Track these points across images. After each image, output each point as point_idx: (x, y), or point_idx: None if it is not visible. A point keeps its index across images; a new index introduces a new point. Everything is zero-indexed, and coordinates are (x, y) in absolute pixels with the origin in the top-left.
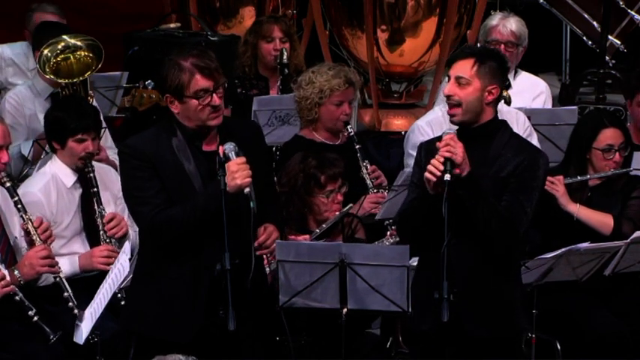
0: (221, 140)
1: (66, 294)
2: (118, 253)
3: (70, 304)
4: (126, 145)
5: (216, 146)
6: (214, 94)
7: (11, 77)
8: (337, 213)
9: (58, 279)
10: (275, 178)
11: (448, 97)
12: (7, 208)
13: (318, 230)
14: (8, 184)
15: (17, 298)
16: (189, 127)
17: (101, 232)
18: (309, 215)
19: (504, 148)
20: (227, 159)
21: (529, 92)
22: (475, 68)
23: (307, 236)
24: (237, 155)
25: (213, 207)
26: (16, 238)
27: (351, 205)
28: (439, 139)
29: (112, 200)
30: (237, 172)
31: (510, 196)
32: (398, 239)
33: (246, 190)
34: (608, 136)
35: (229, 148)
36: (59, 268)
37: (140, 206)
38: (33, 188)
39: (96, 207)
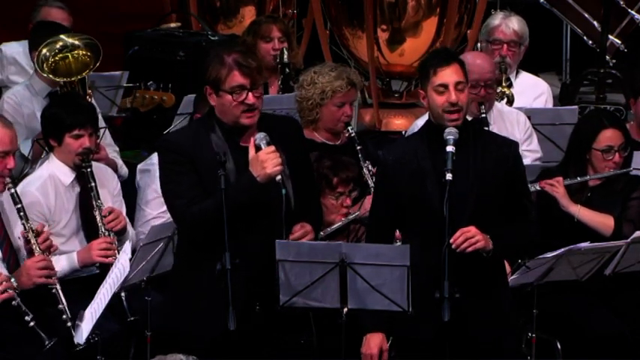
0: None
1: (60, 306)
2: (116, 245)
3: (64, 316)
4: (164, 139)
5: None
6: (250, 93)
7: (12, 75)
8: (343, 218)
9: (54, 290)
10: None
11: (454, 104)
12: (11, 212)
13: (322, 234)
14: (12, 190)
15: (14, 303)
16: (226, 124)
17: (100, 225)
18: None
19: (484, 144)
20: (258, 148)
21: (530, 93)
22: (463, 71)
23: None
24: (268, 144)
25: (244, 199)
26: (19, 238)
27: (357, 212)
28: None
29: (110, 199)
30: (267, 162)
31: (521, 198)
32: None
33: (278, 177)
34: (608, 136)
35: (260, 137)
36: (56, 280)
37: (174, 199)
38: (30, 187)
39: (94, 201)
